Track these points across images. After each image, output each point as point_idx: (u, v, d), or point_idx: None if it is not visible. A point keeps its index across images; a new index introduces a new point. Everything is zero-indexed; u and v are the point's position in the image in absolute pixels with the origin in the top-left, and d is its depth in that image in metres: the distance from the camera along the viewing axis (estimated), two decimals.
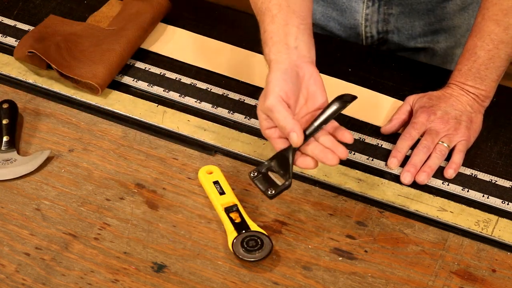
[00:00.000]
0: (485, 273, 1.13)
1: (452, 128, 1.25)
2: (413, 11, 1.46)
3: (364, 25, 1.48)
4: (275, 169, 1.14)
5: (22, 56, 1.38)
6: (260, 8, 1.19)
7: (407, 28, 1.49)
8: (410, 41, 1.51)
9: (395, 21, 1.47)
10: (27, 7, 1.51)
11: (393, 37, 1.50)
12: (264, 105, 1.12)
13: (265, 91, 1.13)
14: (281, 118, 1.10)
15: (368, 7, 1.46)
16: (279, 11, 1.16)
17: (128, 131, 1.30)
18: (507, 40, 1.25)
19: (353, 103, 1.35)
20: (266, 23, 1.17)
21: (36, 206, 1.19)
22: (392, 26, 1.48)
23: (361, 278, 1.12)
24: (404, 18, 1.47)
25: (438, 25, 1.49)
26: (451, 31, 1.50)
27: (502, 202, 1.21)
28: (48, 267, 1.12)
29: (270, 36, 1.16)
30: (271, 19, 1.17)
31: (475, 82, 1.27)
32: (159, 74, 1.39)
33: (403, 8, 1.46)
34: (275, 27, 1.16)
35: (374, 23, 1.48)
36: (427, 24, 1.48)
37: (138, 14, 1.44)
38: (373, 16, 1.47)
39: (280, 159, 1.13)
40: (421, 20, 1.48)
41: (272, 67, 1.14)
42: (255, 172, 1.14)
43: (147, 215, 1.19)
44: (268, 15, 1.17)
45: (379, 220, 1.19)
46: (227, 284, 1.11)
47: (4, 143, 1.26)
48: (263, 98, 1.13)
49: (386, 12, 1.46)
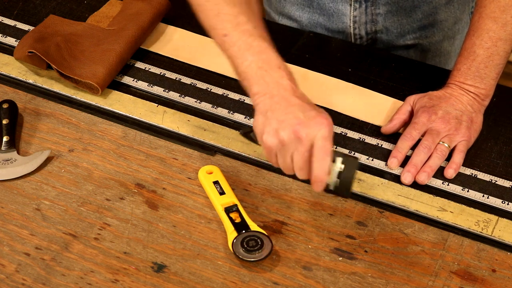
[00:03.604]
0: (485, 273, 1.13)
1: (453, 128, 1.25)
2: (400, 9, 1.46)
3: (353, 27, 1.48)
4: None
5: (22, 56, 1.39)
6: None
7: (396, 27, 1.49)
8: (399, 39, 1.51)
9: (383, 20, 1.48)
10: (27, 7, 1.51)
11: (382, 37, 1.50)
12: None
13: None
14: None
15: (355, 9, 1.46)
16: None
17: (128, 131, 1.30)
18: (505, 37, 1.25)
19: (353, 103, 1.36)
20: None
21: (36, 206, 1.20)
22: (381, 25, 1.48)
23: (361, 278, 1.12)
24: (391, 17, 1.47)
25: (426, 21, 1.49)
26: (438, 25, 1.50)
27: (502, 202, 1.21)
28: (48, 267, 1.12)
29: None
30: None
31: (475, 81, 1.27)
32: (159, 74, 1.39)
33: (390, 7, 1.46)
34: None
35: (362, 25, 1.48)
36: (414, 20, 1.48)
37: (138, 14, 1.44)
38: (361, 18, 1.47)
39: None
40: (409, 17, 1.48)
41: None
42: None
43: (147, 215, 1.19)
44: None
45: (379, 220, 1.19)
46: (227, 284, 1.11)
47: (4, 143, 1.26)
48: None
49: (374, 12, 1.46)
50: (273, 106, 1.11)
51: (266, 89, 1.12)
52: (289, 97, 1.11)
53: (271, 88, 1.12)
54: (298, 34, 1.49)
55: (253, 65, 1.14)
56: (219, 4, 1.17)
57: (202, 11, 1.20)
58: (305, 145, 1.08)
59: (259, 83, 1.13)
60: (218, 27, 1.17)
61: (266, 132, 1.11)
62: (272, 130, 1.10)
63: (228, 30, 1.16)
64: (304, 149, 1.09)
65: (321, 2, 1.47)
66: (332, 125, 1.10)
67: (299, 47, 1.45)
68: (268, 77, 1.13)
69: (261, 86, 1.13)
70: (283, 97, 1.11)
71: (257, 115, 1.13)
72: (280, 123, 1.09)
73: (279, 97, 1.11)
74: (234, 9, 1.17)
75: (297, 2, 1.50)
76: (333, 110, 1.33)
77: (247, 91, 1.16)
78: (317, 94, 1.36)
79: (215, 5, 1.18)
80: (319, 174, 1.09)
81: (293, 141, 1.09)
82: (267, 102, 1.11)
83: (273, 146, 1.11)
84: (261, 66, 1.13)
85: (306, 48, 1.45)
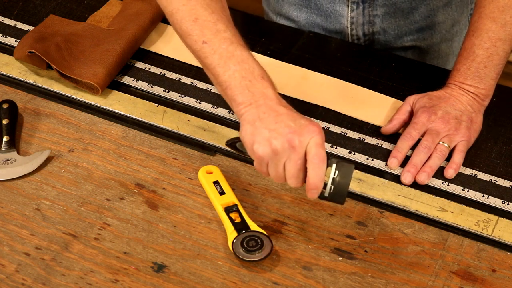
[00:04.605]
0: (485, 273, 1.13)
1: (453, 128, 1.25)
2: (397, 10, 1.46)
3: (350, 28, 1.48)
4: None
5: (22, 56, 1.38)
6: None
7: (393, 28, 1.49)
8: (397, 41, 1.51)
9: (381, 22, 1.47)
10: (27, 7, 1.51)
11: (379, 38, 1.50)
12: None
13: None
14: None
15: (352, 10, 1.46)
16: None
17: (128, 131, 1.30)
18: (505, 37, 1.25)
19: (353, 103, 1.36)
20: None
21: (36, 206, 1.19)
22: (378, 27, 1.48)
23: (361, 278, 1.12)
24: (389, 19, 1.47)
25: (424, 23, 1.49)
26: (436, 27, 1.50)
27: (502, 202, 1.21)
28: (48, 267, 1.12)
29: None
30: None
31: (475, 81, 1.27)
32: (159, 74, 1.39)
33: (387, 9, 1.46)
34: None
35: (359, 26, 1.48)
36: (412, 22, 1.48)
37: (138, 14, 1.44)
38: (358, 19, 1.47)
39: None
40: (406, 19, 1.48)
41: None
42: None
43: (147, 215, 1.19)
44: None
45: (379, 220, 1.19)
46: (227, 284, 1.11)
47: (4, 143, 1.26)
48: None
49: (371, 14, 1.46)
50: (261, 115, 1.09)
51: (251, 99, 1.11)
52: (276, 106, 1.10)
53: (256, 98, 1.10)
54: (298, 34, 1.49)
55: (237, 74, 1.12)
56: (196, 9, 1.15)
57: (177, 16, 1.17)
58: (299, 153, 1.07)
59: (243, 93, 1.11)
60: (195, 33, 1.15)
61: (257, 142, 1.09)
62: (263, 140, 1.08)
63: (207, 37, 1.14)
64: (298, 157, 1.07)
65: (318, 2, 1.47)
66: (323, 132, 1.08)
67: (299, 47, 1.45)
68: (253, 87, 1.11)
69: (246, 96, 1.11)
70: (270, 107, 1.10)
71: (244, 125, 1.11)
72: (271, 132, 1.08)
73: (265, 107, 1.10)
74: (212, 15, 1.15)
75: (294, 3, 1.50)
76: (333, 110, 1.34)
77: (228, 100, 1.14)
78: (317, 94, 1.36)
79: (192, 10, 1.15)
80: (315, 181, 1.07)
81: (286, 150, 1.07)
82: (254, 112, 1.10)
83: (265, 155, 1.09)
84: (244, 76, 1.12)
85: (306, 48, 1.45)
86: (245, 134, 1.10)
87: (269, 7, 1.58)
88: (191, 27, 1.15)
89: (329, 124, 1.31)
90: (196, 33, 1.14)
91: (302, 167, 1.08)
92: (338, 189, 1.10)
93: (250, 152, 1.11)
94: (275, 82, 1.13)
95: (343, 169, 1.09)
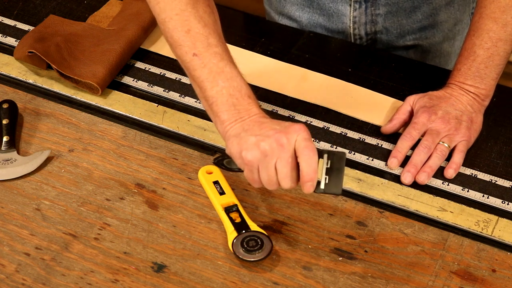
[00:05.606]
0: (485, 273, 1.13)
1: (453, 128, 1.25)
2: (400, 9, 1.46)
3: (353, 27, 1.48)
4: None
5: (22, 56, 1.39)
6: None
7: (395, 27, 1.49)
8: (399, 40, 1.51)
9: (383, 21, 1.47)
10: (27, 7, 1.51)
11: (382, 37, 1.50)
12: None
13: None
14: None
15: (355, 10, 1.46)
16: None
17: (128, 131, 1.30)
18: (505, 37, 1.25)
19: (353, 103, 1.36)
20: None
21: (36, 206, 1.20)
22: (380, 26, 1.48)
23: (361, 278, 1.12)
24: (391, 18, 1.47)
25: (426, 22, 1.49)
26: (438, 26, 1.50)
27: (502, 202, 1.21)
28: (48, 267, 1.12)
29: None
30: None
31: (475, 81, 1.27)
32: (159, 74, 1.39)
33: (390, 8, 1.46)
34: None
35: (362, 25, 1.48)
36: (414, 21, 1.48)
37: (138, 14, 1.44)
38: (361, 18, 1.47)
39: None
40: (409, 18, 1.48)
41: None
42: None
43: (147, 215, 1.19)
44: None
45: (379, 220, 1.19)
46: (227, 284, 1.11)
47: (4, 143, 1.26)
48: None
49: (374, 13, 1.46)
50: (246, 127, 1.10)
51: (236, 116, 1.11)
52: (259, 119, 1.11)
53: (242, 115, 1.11)
54: (298, 34, 1.49)
55: (224, 91, 1.12)
56: (190, 21, 1.15)
57: (169, 25, 1.16)
58: (289, 150, 1.07)
59: (229, 110, 1.12)
60: (186, 45, 1.14)
61: (245, 148, 1.09)
62: (251, 145, 1.08)
63: (198, 50, 1.14)
64: (288, 155, 1.07)
65: (321, 2, 1.47)
66: (309, 130, 1.08)
67: (299, 47, 1.45)
68: (239, 105, 1.12)
69: (231, 114, 1.12)
70: (253, 120, 1.11)
71: (229, 139, 1.11)
72: (258, 136, 1.08)
73: (249, 120, 1.11)
74: (205, 28, 1.14)
75: (297, 2, 1.50)
76: (333, 110, 1.34)
77: (212, 116, 1.14)
78: (317, 94, 1.36)
79: (185, 21, 1.15)
80: (308, 173, 1.07)
81: (275, 150, 1.07)
82: (238, 126, 1.11)
83: (254, 160, 1.08)
84: (232, 94, 1.12)
85: (306, 48, 1.45)
86: (232, 146, 1.11)
87: (271, 7, 1.58)
88: (183, 37, 1.15)
89: (329, 124, 1.31)
90: (188, 44, 1.14)
91: (294, 165, 1.08)
92: (333, 179, 1.09)
93: (239, 162, 1.11)
94: (275, 82, 1.13)
95: (335, 157, 1.09)
